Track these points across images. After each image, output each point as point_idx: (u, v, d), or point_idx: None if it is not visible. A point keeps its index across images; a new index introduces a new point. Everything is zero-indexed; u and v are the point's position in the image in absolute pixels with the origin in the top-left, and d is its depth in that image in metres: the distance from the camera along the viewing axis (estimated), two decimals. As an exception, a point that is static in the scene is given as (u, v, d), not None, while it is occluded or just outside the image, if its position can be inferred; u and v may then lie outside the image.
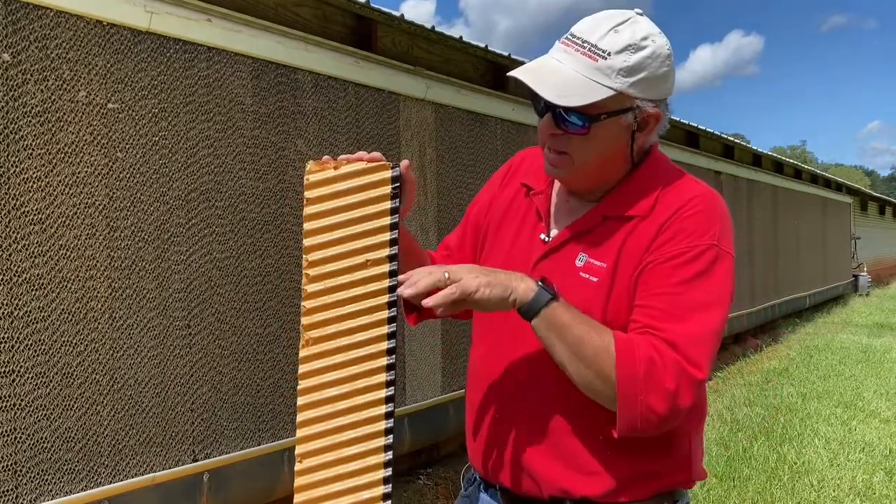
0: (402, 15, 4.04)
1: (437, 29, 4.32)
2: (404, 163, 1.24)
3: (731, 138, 9.63)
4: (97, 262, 2.60)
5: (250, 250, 3.18)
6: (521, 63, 4.85)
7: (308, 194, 1.23)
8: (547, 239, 1.30)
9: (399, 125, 3.97)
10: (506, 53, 4.94)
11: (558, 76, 1.18)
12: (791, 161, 13.04)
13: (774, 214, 10.74)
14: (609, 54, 1.16)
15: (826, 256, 13.91)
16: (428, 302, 1.13)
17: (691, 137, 8.34)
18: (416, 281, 1.14)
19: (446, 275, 1.13)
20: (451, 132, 4.34)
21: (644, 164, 1.28)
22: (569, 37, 1.21)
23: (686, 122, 7.99)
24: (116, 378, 2.65)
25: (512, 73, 1.23)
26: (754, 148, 10.58)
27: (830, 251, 14.29)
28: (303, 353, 1.21)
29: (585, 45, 1.17)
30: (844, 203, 16.12)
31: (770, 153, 11.27)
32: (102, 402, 2.60)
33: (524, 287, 1.15)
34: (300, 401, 1.20)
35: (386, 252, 1.22)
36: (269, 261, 3.26)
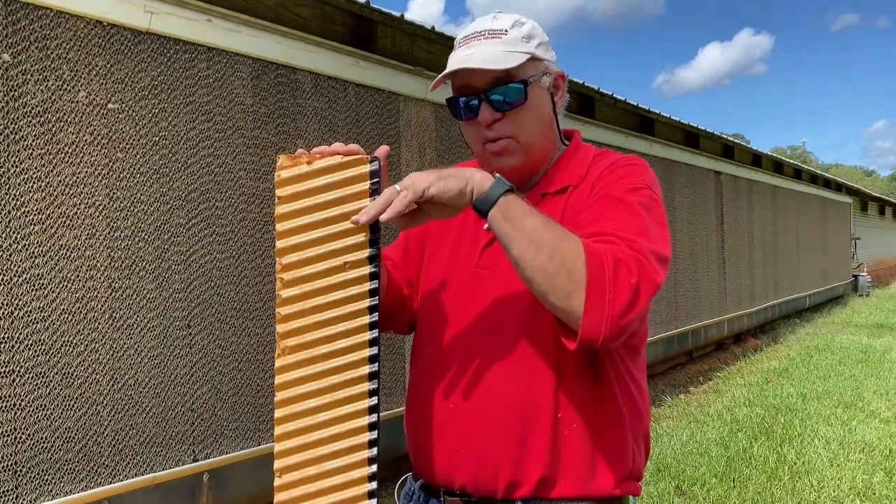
0: (403, 15, 4.04)
1: (439, 29, 4.32)
2: (382, 150, 1.19)
3: (731, 138, 9.63)
4: (97, 262, 2.60)
5: (250, 250, 3.18)
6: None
7: (280, 192, 1.14)
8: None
9: (399, 125, 3.97)
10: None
11: (481, 57, 1.24)
12: (791, 161, 13.04)
13: (774, 215, 10.75)
14: (506, 31, 1.27)
15: (826, 256, 13.91)
16: (384, 216, 1.09)
17: (691, 137, 8.34)
18: (370, 208, 1.11)
19: (397, 187, 1.10)
20: (452, 132, 4.34)
21: (570, 145, 1.37)
22: (465, 37, 1.29)
23: (686, 122, 7.99)
24: (116, 378, 2.65)
25: (439, 77, 1.27)
26: (754, 148, 10.59)
27: (830, 251, 14.29)
28: (279, 362, 1.13)
29: (483, 33, 1.27)
30: (844, 203, 16.13)
31: (770, 153, 11.27)
32: (102, 402, 2.60)
33: (481, 176, 1.12)
34: (277, 413, 1.13)
35: (366, 253, 1.14)
36: (268, 261, 3.26)
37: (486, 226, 1.27)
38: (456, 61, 1.26)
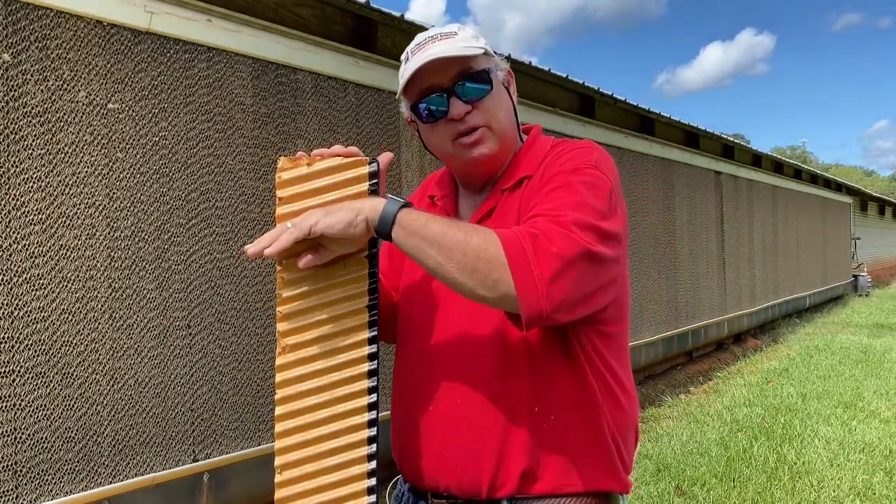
0: (403, 15, 4.04)
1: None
2: (385, 156, 1.20)
3: (731, 138, 9.63)
4: (97, 262, 2.60)
5: (250, 250, 3.18)
6: (524, 62, 4.86)
7: (280, 193, 1.16)
8: None
9: (399, 125, 3.97)
10: (506, 54, 4.93)
11: (444, 51, 1.26)
12: (791, 161, 13.04)
13: (774, 215, 10.75)
14: (456, 33, 1.30)
15: (826, 256, 13.91)
16: (269, 251, 1.09)
17: (691, 137, 8.34)
18: (259, 241, 1.11)
19: (288, 224, 1.11)
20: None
21: (528, 139, 1.39)
22: (418, 44, 1.30)
23: (686, 122, 7.99)
24: (116, 378, 2.65)
25: (405, 81, 1.28)
26: (754, 148, 10.59)
27: (830, 251, 14.29)
28: (280, 360, 1.15)
29: (435, 36, 1.29)
30: (844, 203, 16.13)
31: (770, 153, 11.27)
32: (102, 402, 2.60)
33: (372, 203, 1.12)
34: (278, 410, 1.15)
35: (364, 252, 1.16)
36: (269, 261, 3.26)
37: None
38: (419, 60, 1.26)
